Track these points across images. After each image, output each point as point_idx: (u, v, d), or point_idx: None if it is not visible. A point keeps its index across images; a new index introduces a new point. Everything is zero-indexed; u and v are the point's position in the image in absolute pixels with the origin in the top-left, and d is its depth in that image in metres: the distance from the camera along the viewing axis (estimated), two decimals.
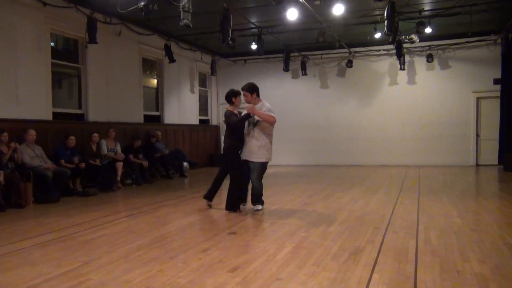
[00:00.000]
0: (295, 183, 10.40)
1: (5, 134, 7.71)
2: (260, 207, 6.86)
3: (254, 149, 6.58)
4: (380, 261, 4.05)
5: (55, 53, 9.73)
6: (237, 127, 6.65)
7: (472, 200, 7.66)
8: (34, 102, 8.89)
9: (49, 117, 9.25)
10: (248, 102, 6.67)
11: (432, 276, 3.64)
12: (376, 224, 5.71)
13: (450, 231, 5.25)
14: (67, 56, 10.27)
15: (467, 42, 13.72)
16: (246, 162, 6.70)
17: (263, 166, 6.70)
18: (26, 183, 7.53)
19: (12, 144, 7.63)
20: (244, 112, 6.67)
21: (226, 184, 7.08)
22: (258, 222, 6.15)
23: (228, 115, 6.71)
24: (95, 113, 10.48)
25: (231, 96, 6.80)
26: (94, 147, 9.66)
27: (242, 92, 6.76)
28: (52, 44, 9.60)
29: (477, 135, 14.25)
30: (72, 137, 8.93)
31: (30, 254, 4.51)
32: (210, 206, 7.22)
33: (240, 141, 6.71)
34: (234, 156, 6.68)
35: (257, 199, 6.86)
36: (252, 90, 6.69)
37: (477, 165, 14.18)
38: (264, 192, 7.09)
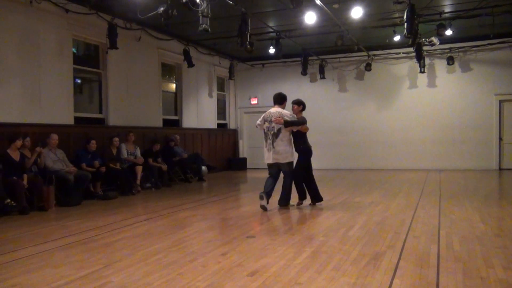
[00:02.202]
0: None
1: (28, 139, 7.88)
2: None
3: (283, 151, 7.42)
4: (401, 266, 3.99)
5: (77, 58, 9.91)
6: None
7: (495, 205, 7.50)
8: (57, 107, 9.07)
9: (71, 121, 9.41)
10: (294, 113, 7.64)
11: (454, 282, 3.57)
12: (396, 228, 5.63)
13: (473, 237, 5.14)
14: (88, 62, 10.43)
15: (489, 44, 13.48)
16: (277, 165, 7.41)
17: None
18: (48, 187, 7.66)
19: (38, 149, 7.79)
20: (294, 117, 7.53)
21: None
22: (276, 226, 6.13)
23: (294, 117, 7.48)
24: (115, 118, 10.62)
25: (285, 100, 7.71)
26: (114, 151, 9.78)
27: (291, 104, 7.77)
28: (74, 50, 9.78)
29: (500, 139, 13.97)
30: (93, 141, 9.06)
31: (52, 256, 4.58)
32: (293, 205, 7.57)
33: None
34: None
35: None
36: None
37: (500, 169, 13.89)
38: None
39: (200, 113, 14.52)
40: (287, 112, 7.46)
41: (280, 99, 7.61)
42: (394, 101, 15.10)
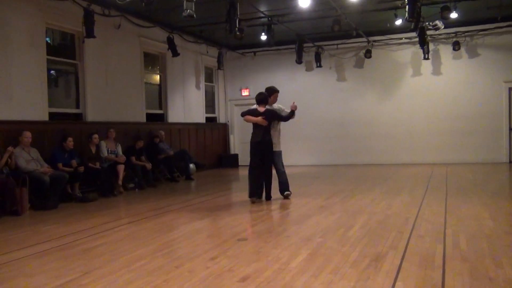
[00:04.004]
0: (310, 185, 10.38)
1: None
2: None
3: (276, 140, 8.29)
4: (404, 268, 4.01)
5: (51, 49, 9.81)
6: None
7: (505, 200, 7.56)
8: (29, 102, 8.98)
9: (45, 117, 9.33)
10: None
11: (461, 283, 3.60)
12: (400, 228, 5.66)
13: (481, 235, 5.18)
14: (63, 52, 10.35)
15: (497, 27, 13.54)
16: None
17: None
18: (21, 189, 7.60)
19: (10, 148, 7.71)
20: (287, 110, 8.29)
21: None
22: (270, 227, 6.14)
23: (280, 111, 8.25)
24: (94, 113, 10.56)
25: (274, 92, 8.39)
26: (93, 149, 9.73)
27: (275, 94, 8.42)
28: (47, 39, 9.69)
29: (510, 129, 14.06)
30: (70, 139, 8.99)
31: (26, 265, 4.55)
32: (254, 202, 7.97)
33: None
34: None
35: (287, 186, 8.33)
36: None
37: (510, 162, 14.00)
38: (276, 195, 7.81)
39: (186, 107, 14.48)
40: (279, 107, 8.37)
41: (269, 95, 8.39)
42: (396, 90, 15.14)
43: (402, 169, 13.36)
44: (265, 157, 8.00)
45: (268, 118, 8.00)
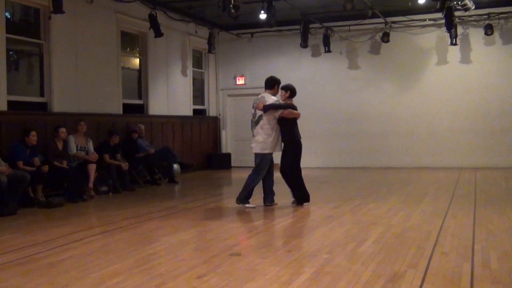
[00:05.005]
0: (316, 191, 10.35)
1: None
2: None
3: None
4: None
5: (11, 26, 9.78)
6: None
7: None
8: None
9: (3, 107, 9.30)
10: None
11: None
12: (420, 243, 5.68)
13: None
14: (26, 30, 10.31)
15: None
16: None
17: None
18: None
19: None
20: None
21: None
22: (268, 240, 6.14)
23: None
24: (61, 102, 10.52)
25: (278, 83, 8.37)
26: (60, 145, 9.69)
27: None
28: (7, 14, 9.64)
29: None
30: (33, 133, 8.94)
31: None
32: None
33: None
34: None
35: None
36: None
37: None
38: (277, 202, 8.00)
39: (171, 97, 14.46)
40: (273, 98, 8.18)
41: (269, 83, 8.33)
42: (418, 81, 15.16)
43: (423, 173, 13.39)
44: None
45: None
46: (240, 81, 16.82)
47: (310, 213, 7.77)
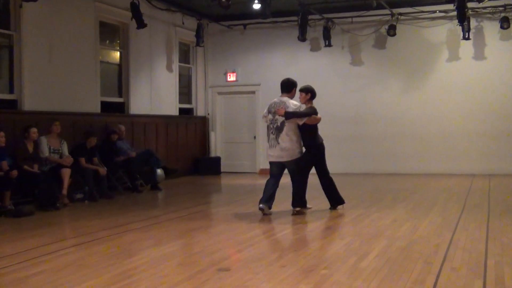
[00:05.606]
0: (314, 199, 10.36)
1: None
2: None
3: None
4: None
5: None
6: None
7: None
8: None
9: None
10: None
11: None
12: (428, 257, 5.69)
13: None
14: None
15: None
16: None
17: None
18: None
19: None
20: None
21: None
22: (260, 254, 6.13)
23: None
24: (32, 100, 10.50)
25: (295, 86, 8.78)
26: (30, 147, 9.67)
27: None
28: None
29: None
30: (1, 133, 8.94)
31: None
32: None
33: None
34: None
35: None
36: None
37: None
38: (273, 211, 8.20)
39: (154, 94, 14.44)
40: (293, 102, 8.52)
41: (287, 86, 8.72)
42: (427, 78, 15.21)
43: (432, 180, 13.42)
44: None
45: None
46: (231, 77, 16.81)
47: (308, 224, 7.77)
